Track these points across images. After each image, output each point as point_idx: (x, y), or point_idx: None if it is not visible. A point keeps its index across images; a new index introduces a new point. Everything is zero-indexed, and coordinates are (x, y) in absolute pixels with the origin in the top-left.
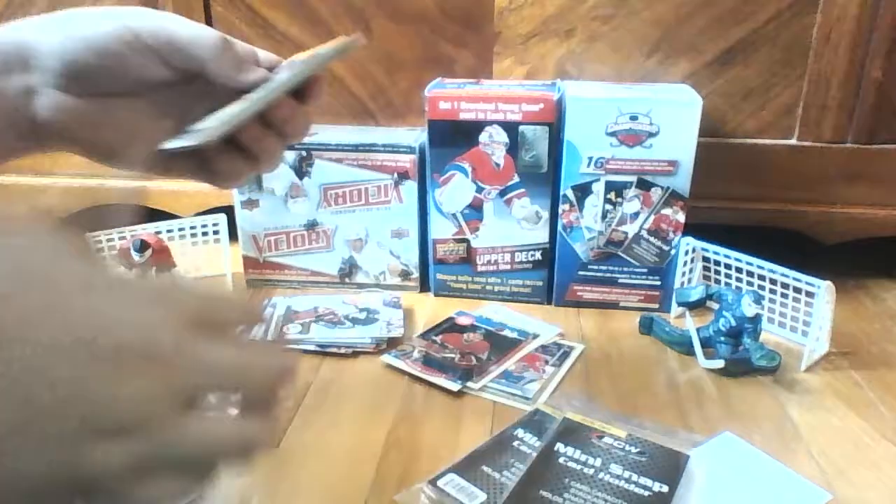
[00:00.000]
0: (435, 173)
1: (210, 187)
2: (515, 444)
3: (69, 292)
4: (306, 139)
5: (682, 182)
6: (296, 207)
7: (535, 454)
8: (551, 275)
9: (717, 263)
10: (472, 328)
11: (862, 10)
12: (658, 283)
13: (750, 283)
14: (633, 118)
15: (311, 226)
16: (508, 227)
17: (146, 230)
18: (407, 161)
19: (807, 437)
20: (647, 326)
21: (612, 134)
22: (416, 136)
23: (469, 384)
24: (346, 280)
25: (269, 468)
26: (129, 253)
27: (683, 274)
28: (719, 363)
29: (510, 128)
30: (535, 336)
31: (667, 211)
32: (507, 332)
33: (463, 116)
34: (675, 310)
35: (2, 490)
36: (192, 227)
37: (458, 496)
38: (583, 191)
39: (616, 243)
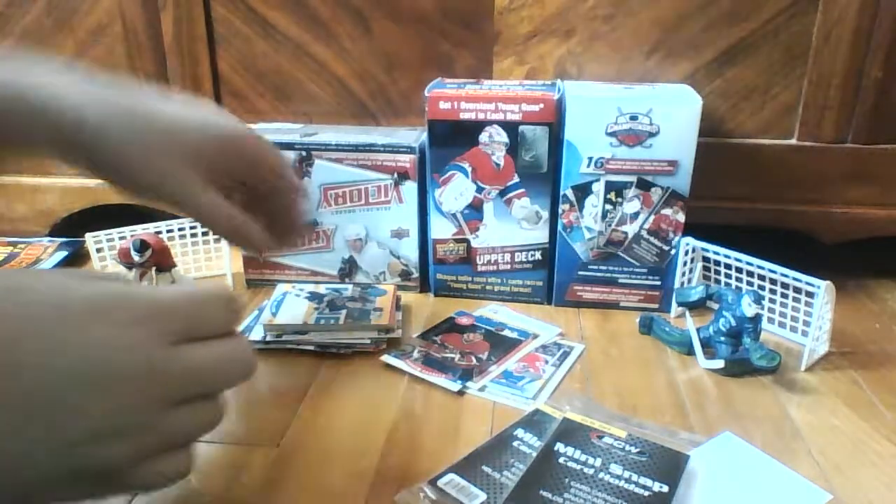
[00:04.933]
0: (435, 173)
1: None
2: (515, 444)
3: (74, 323)
4: (307, 139)
5: (682, 182)
6: None
7: (535, 454)
8: (551, 275)
9: (717, 263)
10: (472, 328)
11: (862, 10)
12: (658, 283)
13: (750, 283)
14: (633, 118)
15: (311, 226)
16: (508, 227)
17: (146, 230)
18: (407, 161)
19: (807, 437)
20: (647, 326)
21: (612, 134)
22: (416, 136)
23: (469, 384)
24: (347, 280)
25: (268, 468)
26: (129, 253)
27: (683, 274)
28: (719, 363)
29: (510, 128)
30: (535, 336)
31: (667, 211)
32: (507, 332)
33: (463, 116)
34: (675, 310)
35: (37, 484)
36: (192, 227)
37: (458, 496)
38: (583, 191)
39: (616, 243)
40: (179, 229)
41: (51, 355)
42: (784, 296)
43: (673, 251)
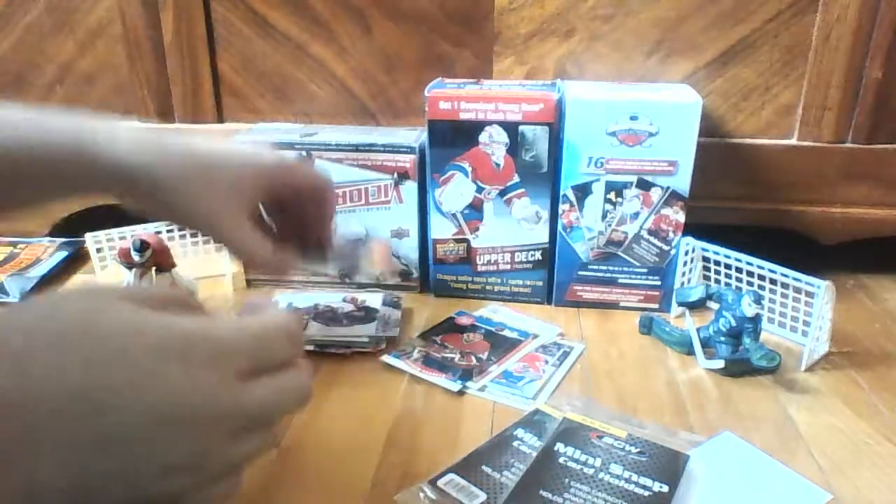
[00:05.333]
0: (435, 173)
1: None
2: (515, 444)
3: (145, 368)
4: (307, 139)
5: (682, 182)
6: None
7: (535, 454)
8: (551, 275)
9: (717, 263)
10: (472, 328)
11: (862, 10)
12: (658, 283)
13: (750, 283)
14: (633, 118)
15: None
16: (508, 227)
17: (146, 230)
18: (407, 161)
19: (807, 437)
20: (647, 326)
21: (612, 134)
22: (416, 136)
23: (469, 384)
24: (347, 280)
25: (269, 468)
26: (129, 253)
27: (683, 274)
28: (719, 363)
29: (510, 128)
30: (535, 336)
31: (667, 211)
32: (507, 332)
33: (463, 116)
34: (675, 310)
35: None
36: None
37: (458, 496)
38: (583, 191)
39: (616, 243)
40: (180, 229)
41: (125, 400)
42: (784, 296)
43: (673, 251)
